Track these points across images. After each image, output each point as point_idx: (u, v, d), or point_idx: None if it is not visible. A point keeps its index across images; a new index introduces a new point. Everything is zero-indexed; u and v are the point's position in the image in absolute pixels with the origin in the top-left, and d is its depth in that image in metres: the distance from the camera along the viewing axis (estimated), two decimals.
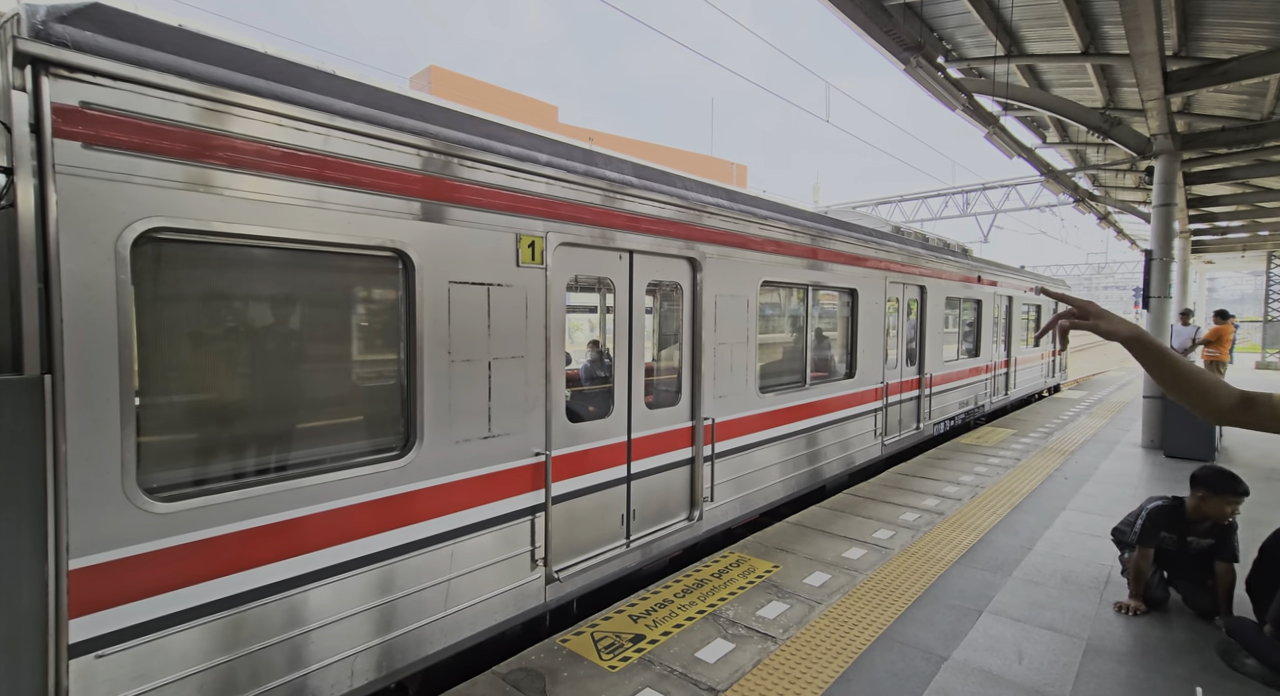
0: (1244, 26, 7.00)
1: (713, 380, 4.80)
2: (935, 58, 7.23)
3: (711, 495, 4.84)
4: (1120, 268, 42.68)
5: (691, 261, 4.61)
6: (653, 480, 4.41)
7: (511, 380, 3.41)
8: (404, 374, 3.01)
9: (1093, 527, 5.24)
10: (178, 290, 2.44)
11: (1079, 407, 12.08)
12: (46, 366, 2.01)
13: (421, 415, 3.00)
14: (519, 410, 3.46)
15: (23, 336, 1.98)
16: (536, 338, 3.53)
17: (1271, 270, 22.44)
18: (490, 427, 3.31)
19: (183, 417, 2.49)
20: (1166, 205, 8.57)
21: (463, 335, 3.17)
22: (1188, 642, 3.45)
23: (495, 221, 3.29)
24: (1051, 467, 7.29)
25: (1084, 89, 9.39)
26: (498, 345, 3.34)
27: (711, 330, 4.77)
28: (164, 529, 2.25)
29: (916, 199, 21.92)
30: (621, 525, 4.18)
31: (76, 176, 2.05)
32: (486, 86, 27.32)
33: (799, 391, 5.93)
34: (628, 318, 4.18)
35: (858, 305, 6.80)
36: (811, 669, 3.17)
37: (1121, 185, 15.85)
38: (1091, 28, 7.43)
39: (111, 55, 2.09)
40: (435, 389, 3.06)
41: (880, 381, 7.37)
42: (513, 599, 3.44)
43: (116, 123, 2.12)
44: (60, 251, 2.01)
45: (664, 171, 4.63)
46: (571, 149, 3.81)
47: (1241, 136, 8.90)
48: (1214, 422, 1.36)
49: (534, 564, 3.54)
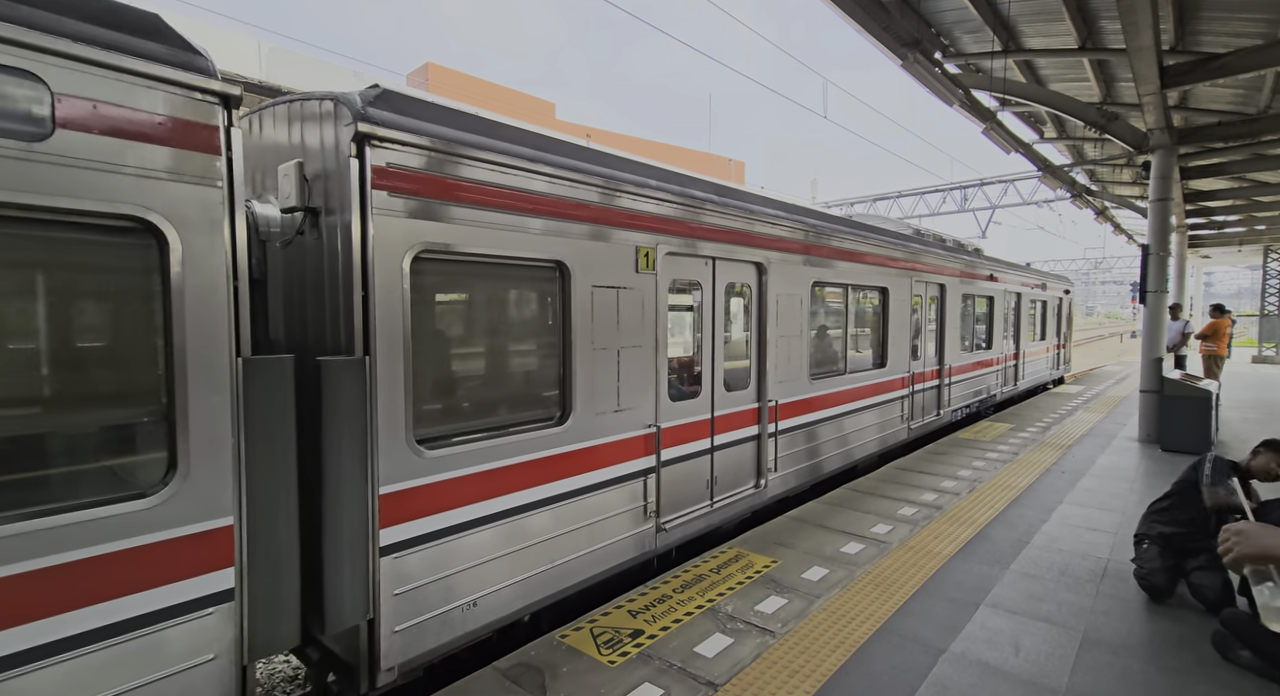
0: (1240, 20, 7.01)
1: (774, 367, 5.54)
2: (933, 53, 7.23)
3: (775, 466, 5.61)
4: (1118, 262, 42.79)
5: (758, 266, 5.36)
6: (730, 452, 5.15)
7: (633, 365, 4.21)
8: (562, 358, 3.81)
9: (1090, 521, 5.27)
10: (433, 295, 3.31)
11: (1076, 402, 12.11)
12: (366, 350, 2.85)
13: (574, 391, 3.82)
14: (638, 389, 4.26)
15: (353, 329, 2.83)
16: (650, 330, 4.32)
17: (1268, 264, 22.49)
18: (619, 403, 4.13)
19: (438, 390, 3.34)
20: (1163, 200, 8.58)
21: (600, 328, 3.99)
22: (1183, 635, 3.47)
23: (623, 237, 4.10)
24: (1049, 462, 7.32)
25: (1081, 84, 9.39)
26: (623, 336, 4.14)
27: (774, 324, 5.51)
28: (431, 469, 3.11)
29: (914, 195, 21.93)
30: (707, 489, 4.93)
31: (384, 216, 2.88)
32: (483, 83, 27.24)
33: (841, 378, 6.71)
34: (711, 314, 4.93)
35: (888, 302, 7.53)
36: (810, 662, 3.19)
37: (1119, 180, 15.86)
38: (1088, 22, 7.43)
39: (402, 129, 2.93)
40: (583, 371, 3.88)
41: (907, 371, 8.11)
42: (633, 543, 4.25)
43: (405, 176, 2.96)
44: (375, 269, 2.84)
45: (735, 189, 5.55)
46: (669, 173, 4.66)
47: (1238, 131, 8.92)
48: None
49: (646, 516, 4.34)
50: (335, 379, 2.75)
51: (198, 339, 2.34)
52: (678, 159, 29.72)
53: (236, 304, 2.44)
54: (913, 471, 6.90)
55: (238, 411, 2.45)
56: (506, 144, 3.45)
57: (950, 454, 7.73)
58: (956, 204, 21.34)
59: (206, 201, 2.36)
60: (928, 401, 8.79)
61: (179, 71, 2.27)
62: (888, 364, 7.54)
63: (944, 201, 21.50)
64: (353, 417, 2.80)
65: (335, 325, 2.93)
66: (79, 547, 2.10)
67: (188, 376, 2.33)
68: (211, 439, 2.39)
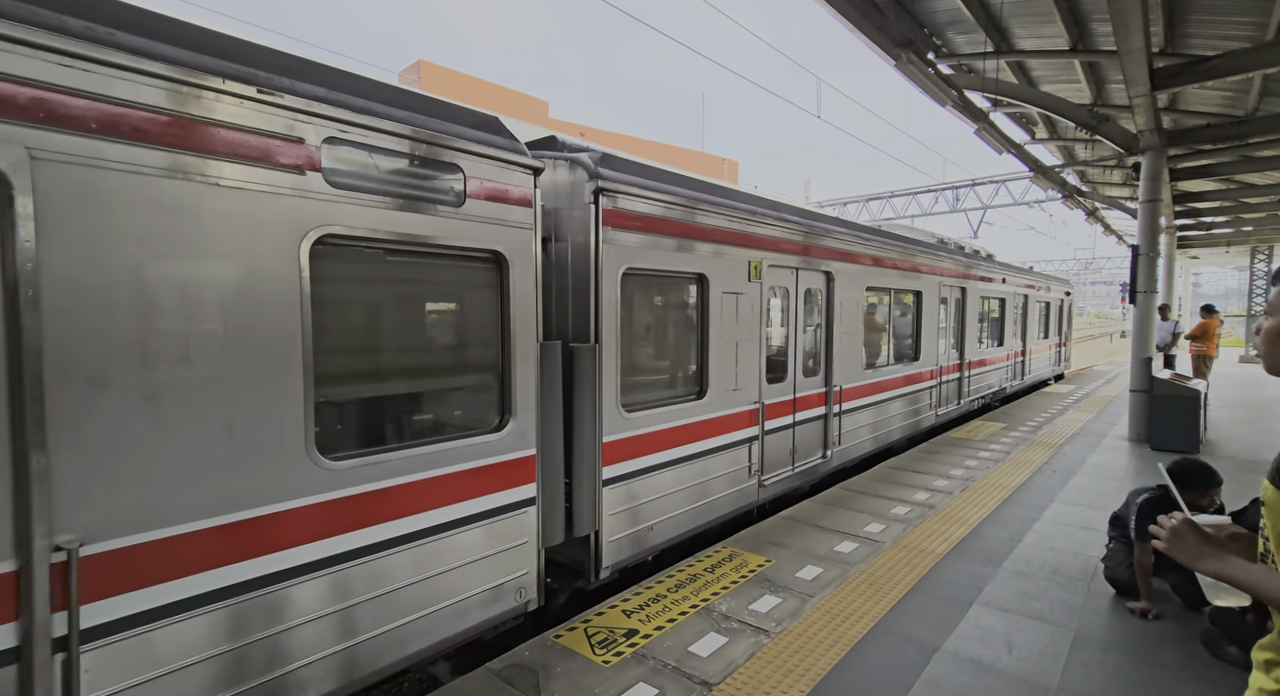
0: (1229, 23, 7.07)
1: (839, 357, 6.64)
2: (926, 54, 7.26)
3: (839, 440, 6.76)
4: (1107, 263, 43.14)
5: (827, 275, 6.49)
6: (806, 426, 6.27)
7: (746, 354, 5.29)
8: (701, 348, 4.92)
9: (1081, 520, 5.30)
10: (633, 299, 4.40)
11: (1067, 401, 12.21)
12: (596, 339, 3.97)
13: (709, 373, 4.94)
14: (748, 373, 5.35)
15: (588, 325, 3.95)
16: (756, 327, 5.41)
17: (1255, 265, 22.74)
18: (736, 383, 5.23)
19: (634, 370, 4.46)
20: (1153, 201, 8.65)
21: (726, 325, 5.07)
22: (1173, 632, 3.50)
23: (741, 253, 5.21)
24: (1040, 461, 7.37)
25: (1072, 86, 9.46)
26: (739, 331, 5.22)
27: (839, 322, 6.60)
28: (630, 426, 4.25)
29: (907, 194, 22.01)
30: (789, 456, 6.04)
31: (609, 244, 4.01)
32: (476, 81, 27.13)
33: (886, 369, 7.81)
34: (794, 314, 6.05)
35: (921, 304, 8.63)
36: (805, 661, 3.20)
37: (1109, 181, 15.99)
38: (1080, 24, 7.48)
39: (617, 182, 4.04)
40: (715, 358, 4.97)
41: (935, 364, 9.20)
42: (744, 493, 5.40)
43: (619, 215, 4.07)
44: (602, 281, 3.96)
45: (812, 212, 6.83)
46: (769, 201, 5.89)
47: (1226, 132, 9.00)
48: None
49: (751, 473, 5.47)
50: (581, 359, 3.94)
51: (520, 329, 3.46)
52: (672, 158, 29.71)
53: (537, 306, 3.55)
54: (905, 470, 6.93)
55: (538, 379, 3.57)
56: (674, 187, 4.58)
57: (943, 453, 7.77)
58: (949, 204, 21.43)
59: (525, 238, 3.46)
60: (950, 391, 9.89)
61: (516, 155, 3.39)
62: (920, 357, 8.64)
63: (936, 201, 21.59)
64: (588, 386, 3.96)
65: (579, 320, 4.04)
66: (467, 461, 3.23)
67: (514, 354, 3.44)
68: (525, 397, 3.51)
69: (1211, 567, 1.29)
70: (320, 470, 2.62)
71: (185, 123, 2.24)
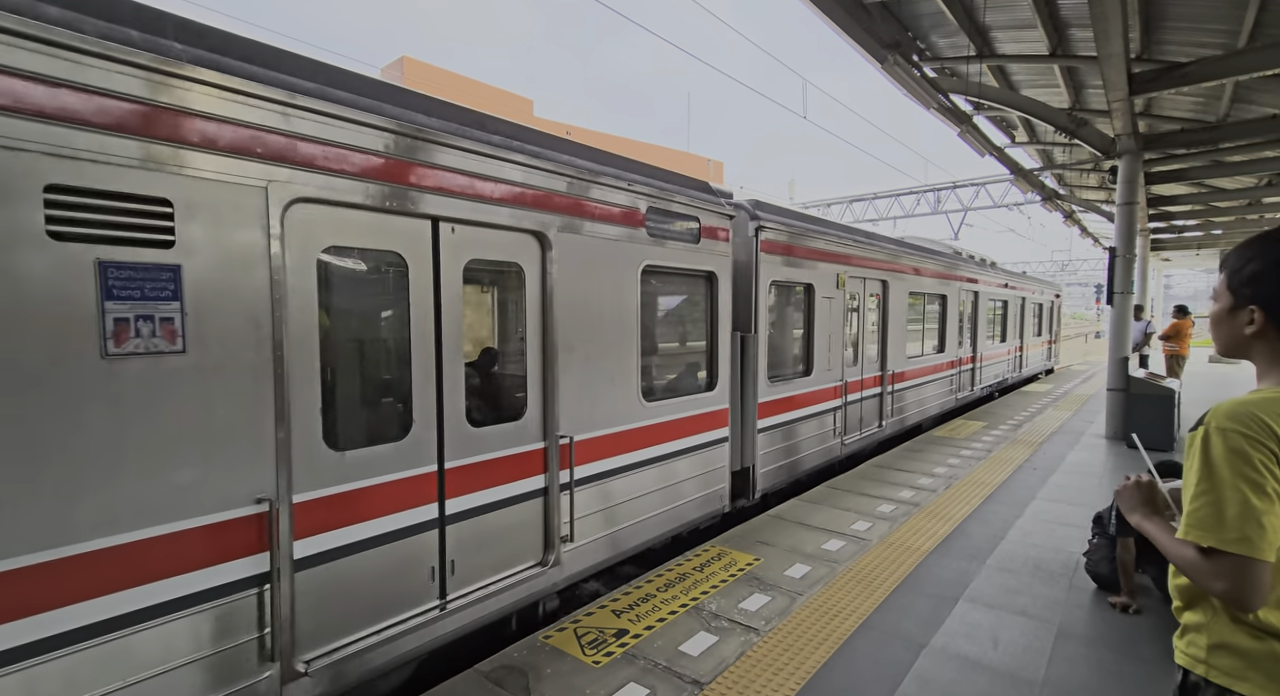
0: (1202, 31, 7.24)
1: (891, 348, 8.34)
2: (911, 57, 7.33)
3: (892, 413, 8.53)
4: (1083, 265, 44.00)
5: (884, 283, 8.19)
6: (869, 401, 8.02)
7: (834, 343, 6.97)
8: (808, 338, 6.63)
9: (1061, 516, 5.39)
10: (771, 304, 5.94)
11: (1046, 400, 12.42)
12: (754, 330, 5.58)
13: (814, 357, 6.61)
14: (835, 358, 7.04)
15: (750, 319, 5.54)
16: (840, 323, 7.10)
17: None
18: (828, 365, 6.91)
19: (773, 352, 6.00)
20: (1129, 203, 8.83)
21: (822, 321, 6.72)
22: (1153, 625, 3.57)
23: (832, 268, 6.88)
24: (1021, 459, 7.49)
25: (1051, 90, 9.62)
26: (830, 326, 6.88)
27: (892, 320, 8.31)
28: (771, 392, 5.88)
29: (890, 196, 22.25)
30: (859, 423, 7.76)
31: (763, 263, 5.65)
32: (460, 78, 26.87)
33: (920, 358, 9.53)
34: (861, 313, 7.72)
35: (946, 305, 10.35)
36: (795, 659, 3.20)
37: (1085, 184, 16.31)
38: (1059, 29, 7.60)
39: (769, 221, 5.72)
40: (818, 346, 6.68)
41: (956, 356, 10.96)
42: (829, 450, 7.03)
43: (769, 244, 5.74)
44: (759, 289, 5.59)
45: (874, 233, 8.86)
46: (844, 226, 7.90)
47: (1200, 137, 9.22)
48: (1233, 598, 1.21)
49: (835, 435, 7.10)
50: (748, 344, 5.60)
51: (722, 323, 5.14)
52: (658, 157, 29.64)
53: (732, 307, 5.28)
54: (891, 468, 7.00)
55: (730, 356, 5.26)
56: (794, 221, 6.29)
57: (926, 451, 7.86)
58: (930, 206, 21.72)
59: (725, 261, 5.11)
60: (965, 380, 11.64)
61: (724, 208, 5.10)
62: (945, 350, 10.38)
63: (918, 203, 21.86)
64: (751, 363, 5.60)
65: (743, 317, 5.57)
66: (696, 409, 4.92)
67: (719, 339, 5.13)
68: (724, 368, 5.18)
69: (1136, 519, 1.49)
70: (643, 407, 4.43)
71: (599, 208, 4.02)
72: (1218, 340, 1.43)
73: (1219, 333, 1.42)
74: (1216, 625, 1.29)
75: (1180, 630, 1.40)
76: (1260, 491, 1.16)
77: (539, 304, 3.64)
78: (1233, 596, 1.18)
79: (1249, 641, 1.24)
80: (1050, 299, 18.42)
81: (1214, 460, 1.21)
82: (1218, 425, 1.23)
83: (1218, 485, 1.20)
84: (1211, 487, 1.21)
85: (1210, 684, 1.28)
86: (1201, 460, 1.24)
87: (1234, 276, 1.36)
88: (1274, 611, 1.21)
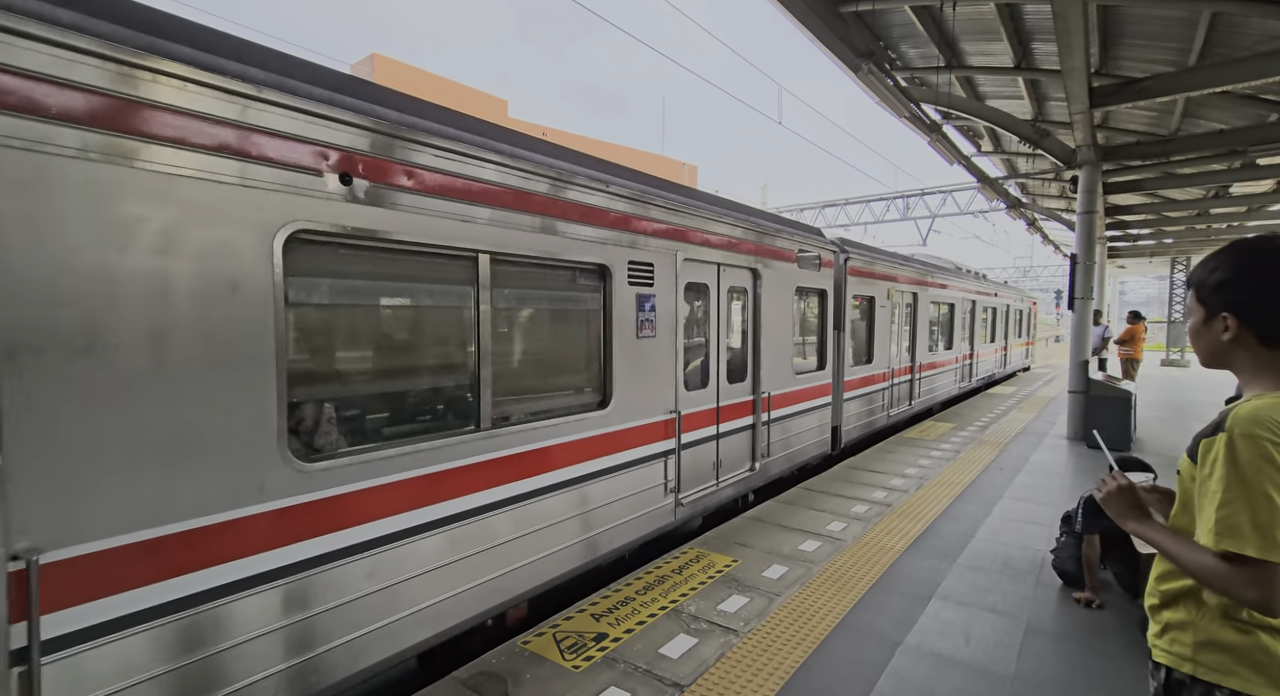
0: (1156, 48, 7.57)
1: (921, 343, 10.73)
2: (883, 66, 7.48)
3: (920, 395, 10.90)
4: (1044, 271, 45.47)
5: (915, 294, 10.36)
6: (901, 386, 10.10)
7: (884, 340, 9.12)
8: (870, 335, 8.73)
9: (1027, 515, 5.55)
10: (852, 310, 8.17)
11: (1010, 402, 12.79)
12: (840, 329, 7.79)
13: (875, 348, 8.85)
14: (889, 349, 9.38)
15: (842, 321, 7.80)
16: (889, 324, 9.30)
17: (1175, 275, 24.40)
18: (882, 355, 9.09)
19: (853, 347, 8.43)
20: (1089, 212, 9.16)
21: (881, 322, 8.92)
22: (1115, 620, 3.70)
23: (885, 284, 8.97)
24: (988, 459, 7.69)
25: (1016, 101, 9.94)
26: (884, 328, 9.10)
27: (921, 323, 10.69)
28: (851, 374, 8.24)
29: (861, 202, 22.67)
30: (899, 400, 9.97)
31: (848, 283, 7.89)
32: (431, 77, 26.53)
33: (938, 352, 11.91)
34: (904, 318, 9.97)
35: (954, 311, 12.87)
36: (774, 660, 3.23)
37: (1046, 193, 16.88)
38: (1024, 43, 7.86)
39: (851, 252, 8.09)
40: (879, 340, 8.88)
41: (961, 353, 13.45)
42: (878, 420, 9.15)
43: (852, 269, 8.03)
44: (845, 301, 7.85)
45: (905, 256, 10.93)
46: (894, 252, 10.23)
47: (1154, 150, 9.62)
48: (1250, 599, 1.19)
49: (883, 408, 9.33)
50: (840, 338, 7.62)
51: (830, 322, 7.47)
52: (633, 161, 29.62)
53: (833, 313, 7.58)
54: (863, 469, 7.12)
55: (832, 345, 7.56)
56: (864, 250, 8.58)
57: (898, 452, 8.01)
58: (900, 212, 22.21)
59: (830, 280, 7.37)
60: (967, 372, 14.07)
61: (834, 248, 7.57)
62: (953, 347, 12.86)
63: (888, 209, 22.33)
64: (841, 352, 7.70)
65: (840, 321, 7.62)
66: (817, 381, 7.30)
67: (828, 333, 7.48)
68: (828, 354, 7.53)
69: (1132, 526, 1.46)
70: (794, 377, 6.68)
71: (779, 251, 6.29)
72: (1200, 352, 1.45)
73: (1199, 345, 1.44)
74: (1204, 623, 1.30)
75: (1159, 628, 1.40)
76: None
77: (754, 311, 5.90)
78: (1265, 603, 1.15)
79: (1236, 636, 1.25)
80: (1028, 306, 21.54)
81: (1243, 466, 1.18)
82: (1243, 431, 1.20)
83: (1249, 492, 1.17)
84: (1243, 494, 1.18)
85: (1198, 681, 1.29)
86: (1228, 466, 1.21)
87: (1202, 288, 1.40)
88: None
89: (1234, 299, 1.34)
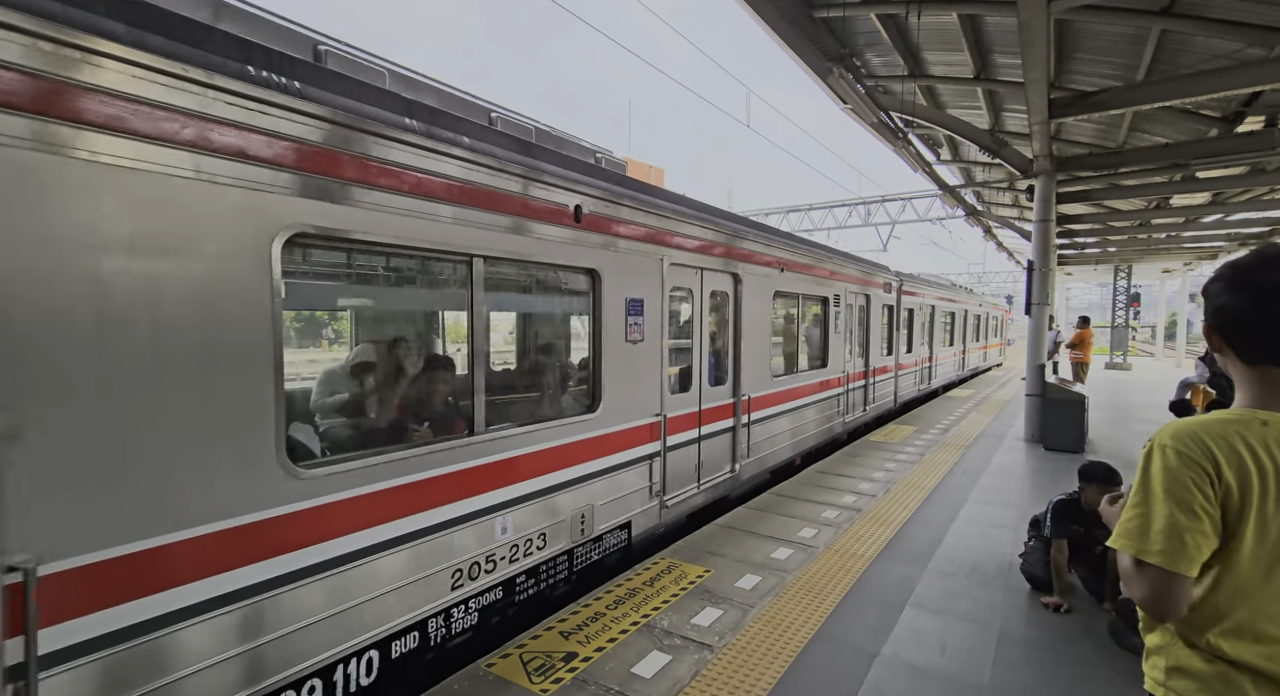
0: (1106, 62, 7.84)
1: (936, 342, 14.94)
2: (853, 70, 7.54)
3: (936, 376, 15.28)
4: (996, 277, 47.16)
5: (933, 307, 14.01)
6: (913, 374, 13.46)
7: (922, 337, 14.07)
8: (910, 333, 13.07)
9: (992, 518, 5.62)
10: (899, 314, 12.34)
11: (968, 405, 13.12)
12: (900, 329, 12.40)
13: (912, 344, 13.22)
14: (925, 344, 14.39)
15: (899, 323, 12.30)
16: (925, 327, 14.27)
17: (1118, 282, 25.57)
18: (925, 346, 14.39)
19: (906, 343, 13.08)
20: (1045, 221, 9.45)
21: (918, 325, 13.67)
22: (1083, 625, 3.73)
23: (915, 299, 13.23)
24: (951, 462, 7.81)
25: (975, 112, 10.19)
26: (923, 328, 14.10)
27: (937, 327, 14.86)
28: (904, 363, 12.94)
29: (824, 208, 23.04)
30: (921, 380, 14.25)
31: (901, 303, 12.23)
32: None
33: (942, 348, 15.60)
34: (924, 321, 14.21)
35: (954, 317, 16.48)
36: (750, 676, 3.12)
37: (1000, 202, 17.43)
38: (983, 55, 8.05)
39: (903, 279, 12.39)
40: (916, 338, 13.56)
41: (956, 349, 17.54)
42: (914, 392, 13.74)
43: (903, 290, 12.32)
44: (899, 313, 12.21)
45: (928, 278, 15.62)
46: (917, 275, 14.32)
47: (1104, 161, 9.99)
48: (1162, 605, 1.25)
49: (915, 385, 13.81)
50: (898, 335, 12.12)
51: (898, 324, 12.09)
52: None
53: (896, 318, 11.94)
54: (832, 474, 7.13)
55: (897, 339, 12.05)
56: (907, 276, 12.69)
57: (864, 456, 8.07)
58: (861, 218, 22.66)
59: (892, 298, 11.71)
60: (959, 364, 18.04)
61: (895, 278, 11.90)
62: (953, 344, 16.81)
63: (850, 215, 22.76)
64: (901, 343, 12.24)
65: (901, 323, 12.14)
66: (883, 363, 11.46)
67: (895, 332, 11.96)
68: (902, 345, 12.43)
69: None
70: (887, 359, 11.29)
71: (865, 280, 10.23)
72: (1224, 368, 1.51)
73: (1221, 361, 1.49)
74: (1174, 648, 1.32)
75: (1146, 654, 1.42)
76: (1188, 509, 1.21)
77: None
78: (1150, 605, 1.25)
79: (1202, 664, 1.27)
80: (1001, 314, 26.98)
81: (1150, 475, 1.27)
82: (1160, 442, 1.29)
83: (1149, 499, 1.26)
84: (1144, 501, 1.27)
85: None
86: (1141, 474, 1.30)
87: (1205, 299, 1.44)
88: (1224, 638, 1.23)
89: (1210, 310, 1.39)
